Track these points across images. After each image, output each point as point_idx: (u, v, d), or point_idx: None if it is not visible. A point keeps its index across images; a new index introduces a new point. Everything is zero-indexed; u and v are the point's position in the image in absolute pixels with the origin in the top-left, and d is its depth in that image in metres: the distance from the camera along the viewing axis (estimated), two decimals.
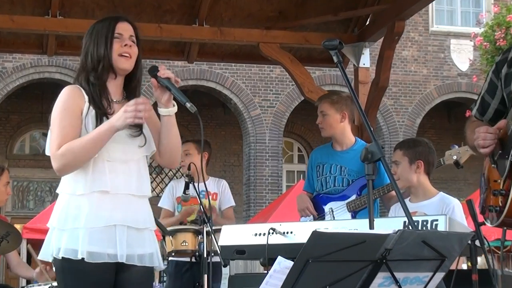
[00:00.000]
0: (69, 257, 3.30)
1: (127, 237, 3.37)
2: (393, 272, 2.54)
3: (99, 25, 3.52)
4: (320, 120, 5.39)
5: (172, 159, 3.64)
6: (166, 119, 3.51)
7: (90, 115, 3.41)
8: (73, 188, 3.39)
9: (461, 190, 19.26)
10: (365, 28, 7.50)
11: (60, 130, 3.37)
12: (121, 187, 3.40)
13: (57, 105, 3.44)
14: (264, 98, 19.01)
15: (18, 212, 18.93)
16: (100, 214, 3.34)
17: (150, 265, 3.48)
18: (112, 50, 3.44)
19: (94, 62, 3.45)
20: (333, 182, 5.35)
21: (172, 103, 3.49)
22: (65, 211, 3.38)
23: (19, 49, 8.62)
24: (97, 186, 3.36)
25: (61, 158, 3.33)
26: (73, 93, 3.44)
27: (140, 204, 3.47)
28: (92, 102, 3.42)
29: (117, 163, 3.42)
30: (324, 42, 3.20)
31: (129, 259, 3.37)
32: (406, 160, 4.70)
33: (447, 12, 20.66)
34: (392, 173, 4.62)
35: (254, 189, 18.62)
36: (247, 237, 3.81)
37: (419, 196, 4.71)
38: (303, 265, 2.37)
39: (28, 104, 19.28)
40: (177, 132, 3.58)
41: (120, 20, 3.52)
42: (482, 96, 3.60)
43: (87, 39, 3.51)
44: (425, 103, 19.87)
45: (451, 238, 2.73)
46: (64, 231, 3.35)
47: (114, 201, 3.38)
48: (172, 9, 7.26)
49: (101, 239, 3.32)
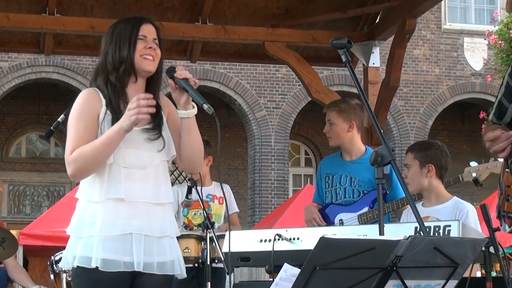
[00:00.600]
0: (84, 265, 3.31)
1: (145, 245, 3.35)
2: (404, 280, 2.53)
3: (122, 25, 3.50)
4: (327, 129, 5.32)
5: (193, 164, 3.60)
6: (185, 122, 3.47)
7: (106, 120, 3.39)
8: (89, 195, 3.40)
9: (474, 194, 19.13)
10: (375, 26, 7.42)
11: (74, 134, 3.38)
12: (137, 195, 3.38)
13: (73, 109, 3.45)
14: (270, 99, 18.94)
15: (14, 218, 18.93)
16: (116, 222, 3.33)
17: (171, 273, 3.46)
18: (135, 52, 3.42)
19: (115, 63, 3.43)
20: (343, 194, 5.28)
21: (191, 104, 3.45)
22: (81, 218, 3.39)
23: (15, 48, 8.51)
24: (112, 193, 3.35)
25: (73, 162, 3.33)
26: (90, 96, 3.44)
27: (158, 211, 3.43)
28: (109, 106, 3.41)
29: (133, 169, 3.40)
30: (332, 40, 3.20)
31: (147, 267, 3.35)
32: (417, 163, 4.63)
33: (460, 9, 20.60)
34: (403, 177, 4.51)
35: (259, 194, 18.55)
36: (252, 244, 3.81)
37: (431, 200, 4.64)
38: (310, 273, 2.36)
39: (25, 105, 19.25)
40: (197, 136, 3.51)
41: (144, 22, 3.51)
42: (499, 100, 3.56)
43: (108, 38, 3.49)
44: (437, 104, 19.75)
45: (464, 245, 2.72)
46: (79, 239, 3.36)
47: (130, 209, 3.36)
48: (174, 6, 7.20)
49: (116, 247, 3.32)
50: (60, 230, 11.76)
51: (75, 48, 7.67)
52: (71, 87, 17.76)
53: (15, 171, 19.06)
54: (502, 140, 3.30)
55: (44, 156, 19.56)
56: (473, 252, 2.72)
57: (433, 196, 4.63)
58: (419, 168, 4.60)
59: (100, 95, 3.43)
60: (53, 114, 17.51)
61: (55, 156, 19.34)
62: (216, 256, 5.16)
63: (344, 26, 7.58)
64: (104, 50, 3.47)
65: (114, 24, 3.53)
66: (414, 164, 4.62)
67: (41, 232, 11.99)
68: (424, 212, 4.47)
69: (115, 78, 3.42)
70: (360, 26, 7.53)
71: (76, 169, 3.33)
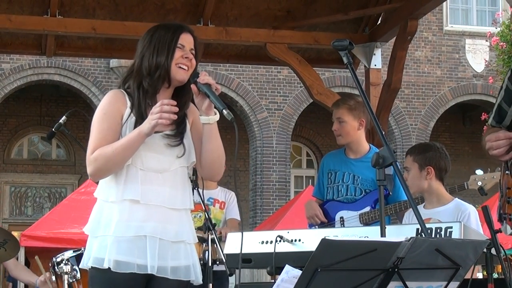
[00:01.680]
0: (97, 266, 3.33)
1: (159, 249, 3.35)
2: (405, 281, 2.53)
3: (162, 31, 3.49)
4: (337, 127, 5.27)
5: (213, 171, 3.58)
6: (206, 128, 3.47)
7: (129, 122, 3.41)
8: (106, 195, 3.42)
9: (476, 196, 19.03)
10: (377, 28, 7.39)
11: (97, 134, 3.39)
12: (153, 198, 3.38)
13: (98, 109, 3.47)
14: (271, 100, 18.92)
15: (16, 219, 18.94)
16: (130, 223, 3.34)
17: (186, 279, 3.43)
18: (173, 60, 3.43)
19: (151, 68, 3.43)
20: (345, 191, 5.26)
21: (213, 111, 3.45)
22: (98, 218, 3.41)
23: (17, 50, 8.49)
24: (128, 194, 3.36)
25: (94, 162, 3.35)
26: (115, 97, 3.46)
27: (173, 216, 3.43)
28: (136, 109, 3.41)
29: (151, 172, 3.40)
30: (333, 42, 3.20)
31: (161, 271, 3.34)
32: (416, 166, 4.61)
33: (462, 11, 20.59)
34: (405, 179, 4.50)
35: (261, 195, 18.53)
36: (253, 245, 3.75)
37: (433, 202, 4.63)
38: (312, 274, 2.35)
39: (26, 106, 19.25)
40: (218, 142, 3.51)
41: (184, 31, 3.51)
42: (499, 104, 3.56)
43: (146, 42, 3.49)
44: (439, 106, 19.73)
45: (466, 246, 2.71)
46: (95, 239, 3.38)
47: (146, 212, 3.36)
48: (175, 8, 7.15)
49: (130, 249, 3.32)
50: (62, 232, 11.79)
51: (77, 49, 7.63)
52: (73, 89, 17.77)
53: (17, 173, 19.06)
54: (501, 139, 3.33)
55: (46, 157, 19.55)
56: (474, 253, 2.71)
57: (434, 198, 4.62)
58: (418, 171, 4.59)
59: (126, 97, 3.44)
60: (55, 115, 17.52)
61: (57, 158, 19.34)
62: (218, 258, 5.14)
63: (346, 27, 7.54)
64: (140, 53, 3.46)
65: (154, 28, 3.53)
66: (414, 167, 4.60)
67: (42, 233, 11.99)
68: (425, 214, 4.44)
69: (148, 84, 3.42)
70: (362, 28, 7.49)
71: (96, 168, 3.35)
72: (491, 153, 3.38)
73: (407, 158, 4.67)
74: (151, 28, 3.55)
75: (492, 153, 3.37)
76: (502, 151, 3.34)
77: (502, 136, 3.35)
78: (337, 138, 5.31)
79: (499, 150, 3.34)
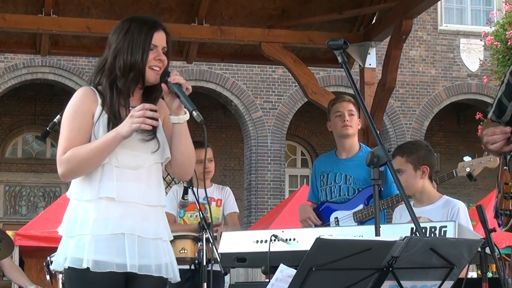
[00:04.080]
0: (75, 266, 3.27)
1: (139, 247, 3.32)
2: (400, 280, 2.53)
3: (135, 29, 3.40)
4: (348, 119, 5.33)
5: (183, 170, 3.55)
6: (176, 127, 3.44)
7: (101, 119, 3.36)
8: (81, 194, 3.37)
9: (471, 195, 19.14)
10: (371, 27, 7.40)
11: (68, 133, 3.35)
12: (129, 195, 3.35)
13: (68, 107, 3.41)
14: (266, 99, 18.90)
15: (10, 218, 18.90)
16: (108, 221, 3.30)
17: (166, 276, 3.42)
18: (147, 62, 3.37)
19: (126, 68, 3.36)
20: (338, 192, 5.30)
21: (183, 110, 3.42)
22: (73, 217, 3.36)
23: (11, 49, 8.49)
24: (104, 192, 3.32)
25: (66, 163, 3.31)
26: (86, 95, 3.40)
27: (150, 213, 3.40)
28: (108, 108, 3.36)
29: (126, 169, 3.36)
30: (328, 41, 3.20)
31: (143, 269, 3.31)
32: (411, 167, 4.55)
33: (456, 10, 20.59)
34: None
35: (256, 194, 18.52)
36: (248, 244, 3.78)
37: (423, 201, 4.60)
38: (306, 274, 2.36)
39: (21, 106, 19.22)
40: (188, 142, 3.48)
41: (157, 29, 3.43)
42: (499, 99, 3.57)
43: (119, 39, 3.40)
44: (433, 105, 19.73)
45: (460, 245, 2.72)
46: (71, 238, 3.32)
47: (123, 209, 3.33)
48: (170, 7, 7.15)
49: (109, 247, 3.28)
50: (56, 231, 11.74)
51: (72, 48, 7.63)
52: (67, 88, 17.72)
53: (11, 172, 19.02)
54: (497, 134, 3.35)
55: (40, 156, 19.52)
56: (469, 253, 2.72)
57: (425, 197, 4.59)
58: (413, 171, 4.54)
59: (96, 94, 3.38)
60: (49, 114, 17.48)
61: (51, 157, 19.29)
62: (213, 257, 5.14)
63: (341, 27, 7.55)
64: (114, 50, 3.39)
65: (127, 24, 3.44)
66: (408, 168, 4.54)
67: (37, 232, 11.98)
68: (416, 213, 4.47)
69: (123, 84, 3.37)
70: (357, 27, 7.50)
71: (68, 169, 3.31)
72: (489, 148, 3.40)
73: (396, 159, 4.58)
74: (124, 23, 3.46)
75: (490, 147, 3.39)
76: (499, 146, 3.36)
77: (498, 131, 3.37)
78: (347, 129, 5.33)
79: (495, 145, 3.36)
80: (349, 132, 5.32)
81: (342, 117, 5.30)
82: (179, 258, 5.35)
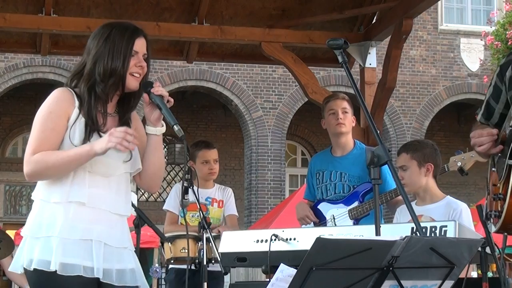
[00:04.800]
0: (42, 268, 3.17)
1: (104, 254, 3.27)
2: (400, 280, 2.53)
3: (116, 35, 3.35)
4: (342, 116, 5.33)
5: (152, 182, 3.52)
6: (151, 138, 3.41)
7: (78, 123, 3.30)
8: (48, 195, 3.30)
9: (471, 195, 19.13)
10: (372, 27, 7.40)
11: (40, 133, 3.28)
12: (99, 202, 3.30)
13: (43, 107, 3.34)
14: (266, 99, 18.90)
15: (11, 218, 18.88)
16: (77, 225, 3.24)
17: (132, 284, 3.33)
18: (128, 68, 3.32)
19: (106, 74, 3.30)
20: (333, 189, 5.32)
21: (161, 122, 3.40)
22: (39, 219, 3.28)
23: (11, 49, 8.51)
24: (75, 196, 3.26)
25: (34, 164, 3.23)
26: (63, 97, 3.34)
27: (117, 222, 3.36)
28: (85, 113, 3.29)
29: (98, 176, 3.31)
30: (328, 41, 3.20)
31: (106, 276, 3.24)
32: (415, 163, 4.58)
33: (457, 10, 20.59)
34: (401, 178, 4.50)
35: (256, 194, 18.52)
36: (248, 244, 3.79)
37: (425, 200, 4.61)
38: (307, 273, 2.35)
39: (21, 105, 19.22)
40: (161, 154, 3.47)
41: (138, 36, 3.38)
42: (487, 101, 3.59)
43: (100, 44, 3.35)
44: (433, 105, 19.73)
45: (461, 245, 2.72)
46: (37, 240, 3.23)
47: (92, 215, 3.27)
48: (170, 6, 7.16)
49: (77, 251, 3.21)
50: None
51: (72, 48, 7.62)
52: None
53: (12, 171, 19.00)
54: (484, 136, 3.39)
55: None
56: (469, 252, 2.72)
57: (428, 196, 4.60)
58: (417, 169, 4.56)
59: (74, 96, 3.32)
60: None
61: None
62: (213, 257, 5.10)
63: (341, 26, 7.55)
64: (94, 55, 3.34)
65: (108, 29, 3.39)
66: (412, 165, 4.57)
67: None
68: (417, 211, 4.41)
69: (101, 90, 3.31)
70: (357, 27, 7.51)
71: (33, 171, 3.23)
72: (476, 150, 3.44)
73: (401, 156, 4.63)
74: (104, 28, 3.40)
75: (477, 149, 3.43)
76: (486, 148, 3.38)
77: (485, 133, 3.40)
78: (341, 127, 5.34)
79: (482, 146, 3.39)
80: (342, 130, 5.33)
81: (335, 115, 5.31)
82: (179, 258, 5.42)
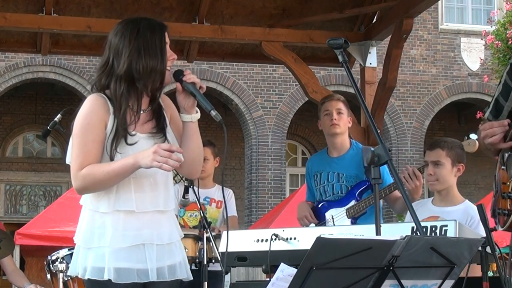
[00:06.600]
0: (96, 278, 3.24)
1: (157, 254, 3.32)
2: (400, 279, 2.53)
3: (146, 30, 3.32)
4: (337, 117, 5.32)
5: (192, 169, 3.50)
6: (188, 126, 3.40)
7: (114, 131, 3.30)
8: (96, 205, 3.32)
9: (471, 194, 19.10)
10: (372, 26, 7.41)
11: (82, 146, 3.27)
12: (148, 205, 3.32)
13: (80, 117, 3.32)
14: (267, 99, 18.89)
15: (11, 217, 18.86)
16: (126, 234, 3.27)
17: (181, 277, 3.40)
18: (166, 64, 3.34)
19: (145, 71, 3.27)
20: (331, 190, 5.33)
21: (195, 109, 3.40)
22: (91, 229, 3.31)
23: (12, 48, 8.46)
24: (122, 205, 3.29)
25: (82, 180, 3.25)
26: (98, 104, 3.32)
27: (165, 218, 3.39)
28: (120, 118, 3.27)
29: (143, 178, 3.32)
30: (329, 40, 3.20)
31: (160, 275, 3.30)
32: (449, 161, 4.50)
33: (457, 9, 20.57)
34: (430, 174, 4.48)
35: (256, 193, 18.50)
36: (248, 243, 3.80)
37: (445, 201, 4.52)
38: (307, 273, 2.35)
39: (21, 105, 19.21)
40: (199, 141, 3.44)
41: (166, 29, 3.40)
42: (496, 98, 3.58)
43: (131, 43, 3.30)
44: (434, 104, 19.71)
45: (461, 245, 2.72)
46: (90, 250, 3.29)
47: (140, 220, 3.30)
48: (171, 6, 7.16)
49: (129, 256, 3.26)
50: (57, 230, 11.76)
51: (72, 47, 7.63)
52: (68, 87, 17.73)
53: (12, 171, 19.01)
54: (495, 126, 3.35)
55: (41, 155, 19.51)
56: (469, 252, 2.72)
57: (449, 197, 4.52)
58: (451, 166, 4.49)
59: (107, 102, 3.30)
60: (50, 113, 17.47)
61: (52, 156, 19.30)
62: (213, 256, 5.14)
63: (341, 26, 7.55)
64: (125, 54, 3.28)
65: (134, 25, 3.34)
66: (447, 162, 4.48)
67: (37, 232, 11.95)
68: (434, 211, 4.42)
69: (143, 85, 3.29)
70: (357, 26, 7.50)
71: (83, 186, 3.25)
72: (487, 142, 3.38)
73: (436, 151, 4.53)
74: (129, 24, 3.36)
75: (488, 141, 3.37)
76: (498, 138, 3.34)
77: (497, 124, 3.37)
78: (335, 128, 5.32)
79: (494, 137, 3.34)
80: (336, 131, 5.33)
81: (330, 115, 5.31)
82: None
